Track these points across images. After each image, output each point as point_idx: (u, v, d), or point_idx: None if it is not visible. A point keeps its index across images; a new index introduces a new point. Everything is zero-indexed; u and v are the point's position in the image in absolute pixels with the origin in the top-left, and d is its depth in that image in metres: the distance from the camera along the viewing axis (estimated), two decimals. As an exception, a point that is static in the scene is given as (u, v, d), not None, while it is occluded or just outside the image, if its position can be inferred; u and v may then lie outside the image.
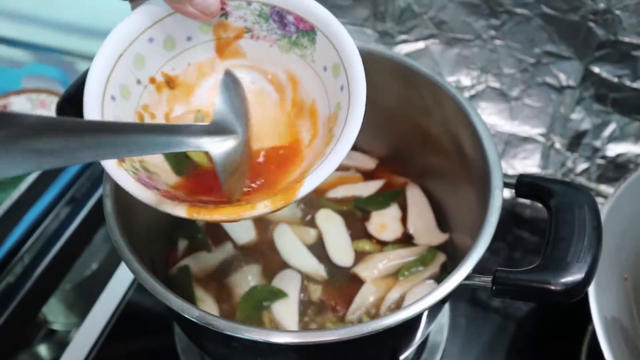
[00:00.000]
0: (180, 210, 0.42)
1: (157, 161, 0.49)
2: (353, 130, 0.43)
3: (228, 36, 0.51)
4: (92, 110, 0.46)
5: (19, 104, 1.02)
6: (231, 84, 0.44)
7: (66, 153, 0.28)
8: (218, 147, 0.40)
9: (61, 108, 0.59)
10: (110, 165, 0.44)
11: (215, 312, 0.60)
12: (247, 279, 0.62)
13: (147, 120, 0.50)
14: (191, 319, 0.44)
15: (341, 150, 0.43)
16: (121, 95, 0.48)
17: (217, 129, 0.41)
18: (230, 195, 0.42)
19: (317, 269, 0.63)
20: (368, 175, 0.73)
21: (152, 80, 0.51)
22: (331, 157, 0.43)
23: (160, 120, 0.51)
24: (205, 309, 0.59)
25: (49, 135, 0.27)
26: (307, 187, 0.42)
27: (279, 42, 0.51)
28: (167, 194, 0.45)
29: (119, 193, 0.52)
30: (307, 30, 0.49)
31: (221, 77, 0.45)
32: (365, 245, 0.66)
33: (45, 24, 1.10)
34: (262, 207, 0.42)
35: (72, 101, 0.58)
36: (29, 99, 1.03)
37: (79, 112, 0.58)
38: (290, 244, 0.65)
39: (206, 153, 0.47)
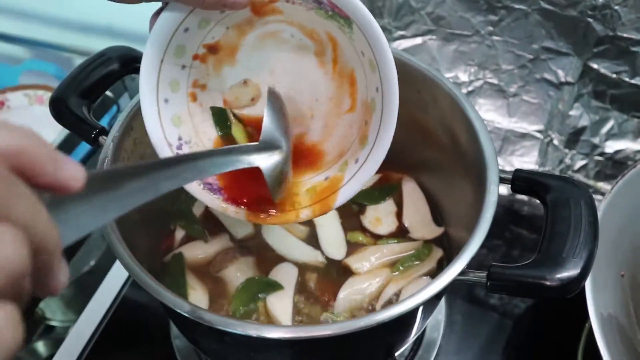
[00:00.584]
0: (240, 216, 0.52)
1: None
2: (386, 141, 0.48)
3: (263, 0, 0.49)
4: (154, 130, 0.50)
5: (16, 100, 1.02)
6: (275, 100, 0.50)
7: (149, 190, 0.32)
8: (266, 161, 0.47)
9: (54, 105, 0.59)
10: None
11: (205, 300, 0.60)
12: (242, 270, 0.62)
13: (199, 93, 0.53)
14: (182, 313, 0.44)
15: (375, 162, 0.48)
16: (172, 91, 0.51)
17: (265, 146, 0.48)
18: (274, 197, 0.49)
19: (314, 255, 0.63)
20: (364, 170, 0.73)
21: (195, 57, 0.51)
22: (364, 169, 0.49)
23: (212, 89, 0.54)
24: (195, 297, 0.59)
25: (131, 180, 0.31)
26: (342, 198, 0.50)
27: (315, 10, 0.48)
28: (228, 196, 0.52)
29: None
30: (342, 16, 0.46)
31: (266, 95, 0.51)
32: (359, 237, 0.65)
33: (43, 20, 1.10)
34: (304, 216, 0.52)
35: (64, 99, 0.58)
36: (26, 95, 1.03)
37: (72, 110, 0.58)
38: (281, 237, 0.64)
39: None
